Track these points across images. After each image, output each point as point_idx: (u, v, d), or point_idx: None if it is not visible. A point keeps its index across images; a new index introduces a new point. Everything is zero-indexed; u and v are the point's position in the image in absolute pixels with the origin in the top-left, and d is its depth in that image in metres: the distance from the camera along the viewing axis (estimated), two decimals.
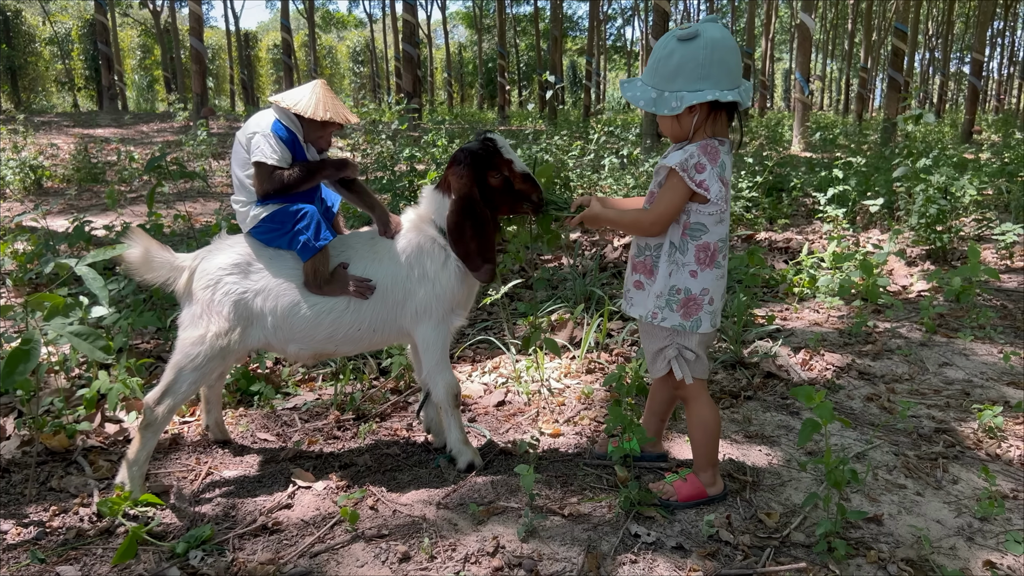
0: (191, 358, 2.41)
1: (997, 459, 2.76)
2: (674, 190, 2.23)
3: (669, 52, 2.15)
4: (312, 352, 2.58)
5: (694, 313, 2.31)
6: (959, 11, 36.93)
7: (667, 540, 2.22)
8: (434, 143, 8.13)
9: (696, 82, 2.15)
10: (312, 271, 2.47)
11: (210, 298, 2.44)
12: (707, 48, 2.12)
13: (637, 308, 2.41)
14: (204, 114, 15.44)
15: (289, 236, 2.48)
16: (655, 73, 2.19)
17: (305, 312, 2.47)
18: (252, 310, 2.46)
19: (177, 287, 2.52)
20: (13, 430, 2.90)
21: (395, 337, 2.64)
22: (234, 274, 2.47)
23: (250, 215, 2.53)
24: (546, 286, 4.83)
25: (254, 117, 2.57)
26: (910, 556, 2.14)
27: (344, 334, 2.52)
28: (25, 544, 2.20)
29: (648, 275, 2.37)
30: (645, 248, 2.37)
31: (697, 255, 2.29)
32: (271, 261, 2.51)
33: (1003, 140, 13.77)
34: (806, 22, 15.19)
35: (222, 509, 2.42)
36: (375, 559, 2.14)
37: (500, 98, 28.37)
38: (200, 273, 2.48)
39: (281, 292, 2.47)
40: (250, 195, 2.54)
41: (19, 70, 30.99)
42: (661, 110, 2.19)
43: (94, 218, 5.96)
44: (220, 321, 2.43)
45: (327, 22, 50.31)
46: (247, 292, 2.46)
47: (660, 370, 2.42)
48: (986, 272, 4.32)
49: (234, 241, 2.57)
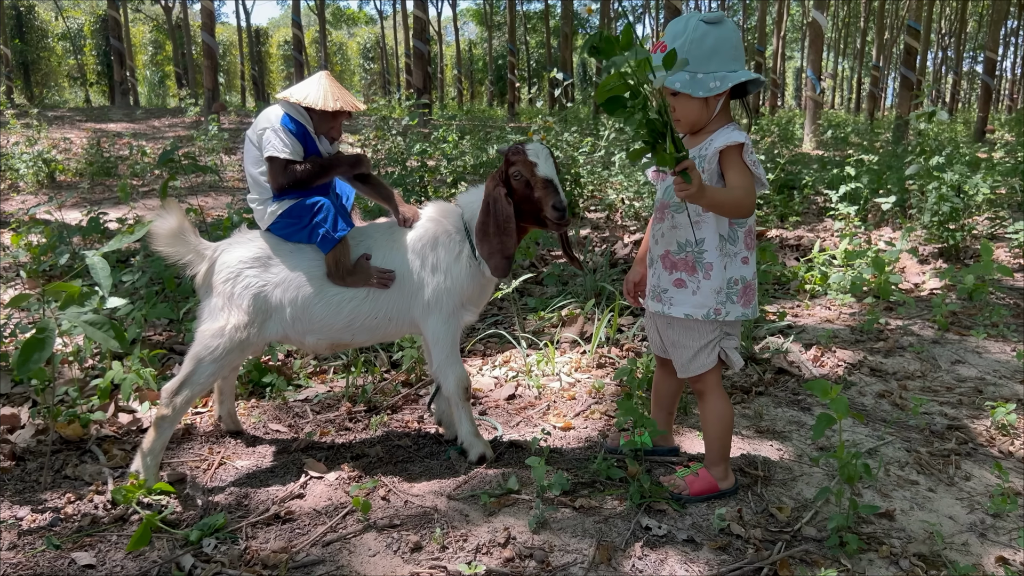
0: (210, 350, 2.43)
1: (1010, 456, 2.75)
2: (744, 170, 2.17)
3: (702, 34, 2.14)
4: (329, 342, 2.59)
5: (752, 300, 2.32)
6: (972, 10, 36.65)
7: (678, 533, 2.22)
8: (444, 139, 8.15)
9: (731, 63, 2.17)
10: (334, 262, 2.49)
11: (230, 291, 2.46)
12: (735, 31, 2.18)
13: (680, 307, 2.32)
14: (215, 109, 15.49)
15: (308, 229, 2.49)
16: (686, 54, 2.14)
17: (324, 302, 2.49)
18: (271, 303, 2.48)
19: (197, 276, 2.54)
20: (28, 419, 2.93)
21: (409, 327, 2.65)
22: (254, 267, 2.49)
23: (267, 212, 2.56)
24: (556, 281, 4.83)
25: (263, 113, 2.58)
26: (922, 551, 2.13)
27: (362, 323, 2.54)
28: (41, 530, 2.22)
29: (691, 272, 2.29)
30: (686, 244, 2.29)
31: (746, 240, 2.28)
32: (291, 254, 2.53)
33: (1016, 139, 13.67)
34: (818, 20, 15.12)
35: (235, 498, 2.43)
36: (387, 548, 2.15)
37: (510, 95, 28.37)
38: (220, 266, 2.50)
39: (300, 283, 2.49)
40: (265, 192, 2.56)
41: (32, 65, 31.20)
42: (697, 91, 2.16)
43: (107, 211, 5.99)
44: (240, 314, 2.45)
45: (338, 18, 50.37)
46: (267, 285, 2.48)
47: (705, 365, 2.34)
48: (999, 270, 4.29)
49: (254, 235, 2.59)
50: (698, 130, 2.27)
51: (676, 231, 2.32)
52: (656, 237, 2.40)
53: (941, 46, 41.53)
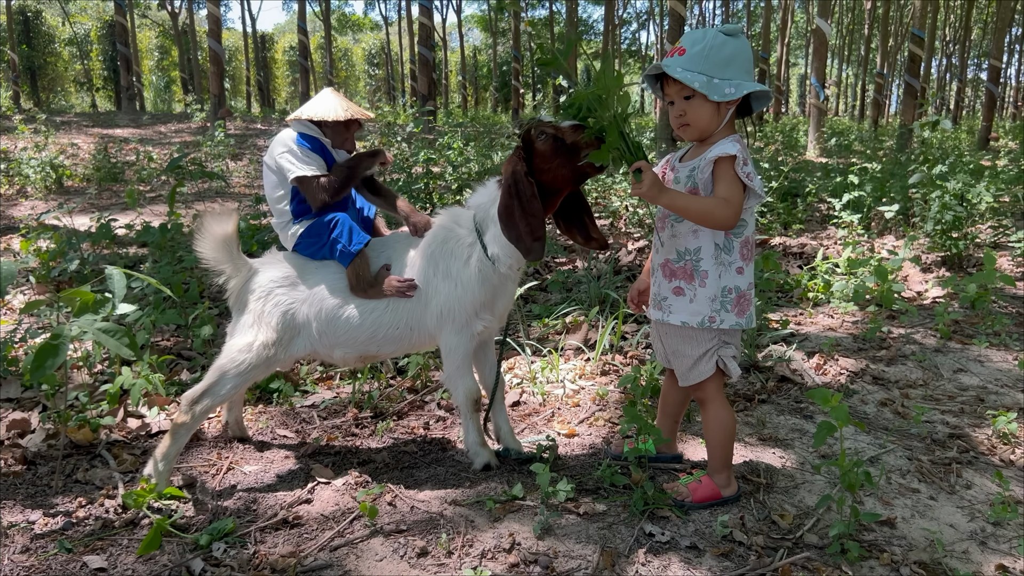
0: (236, 364, 2.49)
1: (1011, 465, 2.77)
2: (734, 183, 2.20)
3: (721, 42, 2.19)
4: (357, 354, 2.61)
5: (747, 309, 2.35)
6: (977, 17, 36.73)
7: (681, 539, 2.25)
8: (449, 146, 8.19)
9: (745, 74, 2.23)
10: (354, 275, 2.52)
11: (261, 309, 2.53)
12: (750, 47, 2.26)
13: (678, 315, 2.36)
14: (221, 115, 15.58)
15: (328, 246, 2.55)
16: (705, 60, 2.19)
17: (346, 314, 2.53)
18: (298, 319, 2.54)
19: (231, 291, 2.61)
20: (38, 423, 2.96)
21: (429, 338, 2.61)
22: (283, 286, 2.56)
23: (289, 234, 2.64)
24: (560, 288, 4.86)
25: (276, 138, 2.64)
26: (923, 559, 2.16)
27: (384, 334, 2.55)
28: (53, 534, 2.26)
29: (689, 280, 2.34)
30: (685, 253, 2.34)
31: (741, 251, 2.31)
32: (316, 271, 2.59)
33: (1020, 147, 13.68)
34: (822, 27, 15.16)
35: (243, 503, 2.46)
36: (393, 553, 2.18)
37: (514, 101, 28.45)
38: (254, 285, 2.57)
39: (324, 297, 2.54)
40: (284, 216, 2.64)
41: (39, 70, 31.37)
42: (713, 95, 2.19)
43: (116, 217, 6.03)
44: (268, 332, 2.51)
45: (343, 24, 50.58)
46: (295, 302, 2.54)
47: (703, 373, 2.38)
48: (1002, 279, 4.32)
49: (284, 256, 2.66)
50: (705, 138, 2.31)
51: (675, 240, 2.37)
52: (657, 246, 2.45)
53: (945, 53, 41.56)
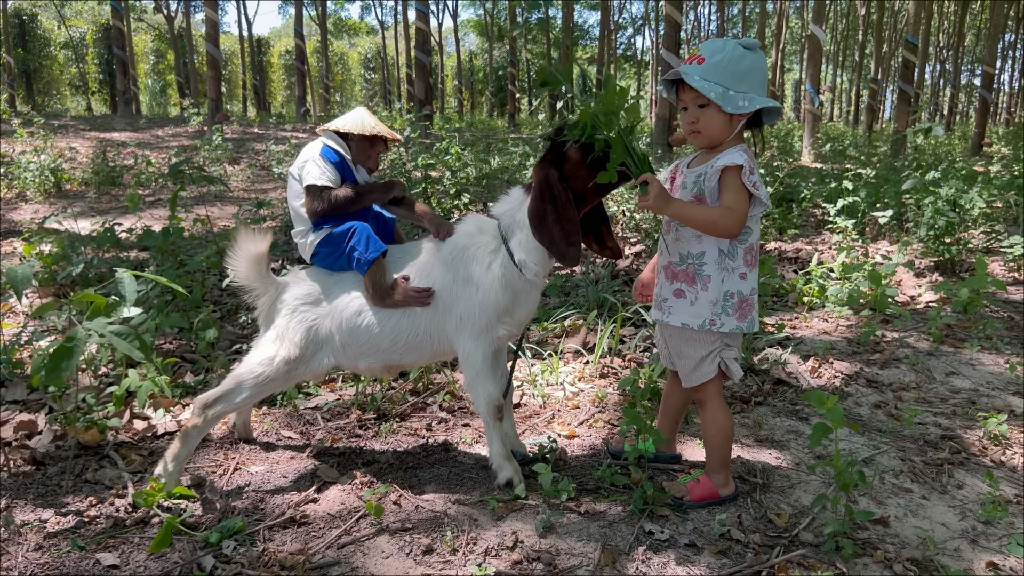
0: (255, 375, 2.53)
1: (1001, 465, 2.83)
2: (739, 192, 2.26)
3: (740, 55, 2.24)
4: (382, 364, 2.63)
5: (748, 314, 2.40)
6: (970, 24, 36.95)
7: (680, 538, 2.30)
8: (447, 151, 8.24)
9: (760, 88, 2.29)
10: (371, 284, 2.53)
11: (286, 324, 2.57)
12: (766, 63, 2.32)
13: (678, 316, 2.42)
14: (219, 119, 15.59)
15: (345, 256, 2.58)
16: (723, 71, 2.23)
17: (366, 323, 2.55)
18: (321, 334, 2.57)
19: (260, 307, 2.67)
20: (45, 425, 3.00)
21: (450, 345, 2.60)
22: (307, 302, 2.60)
23: (308, 243, 2.67)
24: (559, 292, 4.92)
25: (305, 148, 2.71)
26: (915, 556, 2.21)
27: (405, 341, 2.56)
28: (65, 532, 2.30)
29: (690, 283, 2.40)
30: (688, 257, 2.39)
31: (745, 257, 2.37)
32: (337, 283, 2.62)
33: (1013, 153, 13.80)
34: (817, 33, 15.27)
35: (251, 502, 2.51)
36: (399, 551, 2.23)
37: (510, 106, 28.53)
38: (280, 303, 2.62)
39: (343, 307, 2.57)
40: (306, 224, 2.68)
41: (34, 73, 31.38)
42: (727, 106, 2.24)
43: (120, 221, 6.08)
44: (291, 347, 2.55)
45: (339, 29, 50.61)
46: (318, 318, 2.58)
47: (706, 374, 2.43)
48: (993, 284, 4.39)
49: (307, 273, 2.70)
50: (714, 147, 2.37)
51: (679, 243, 2.42)
52: (663, 249, 2.51)
53: (939, 59, 41.79)
